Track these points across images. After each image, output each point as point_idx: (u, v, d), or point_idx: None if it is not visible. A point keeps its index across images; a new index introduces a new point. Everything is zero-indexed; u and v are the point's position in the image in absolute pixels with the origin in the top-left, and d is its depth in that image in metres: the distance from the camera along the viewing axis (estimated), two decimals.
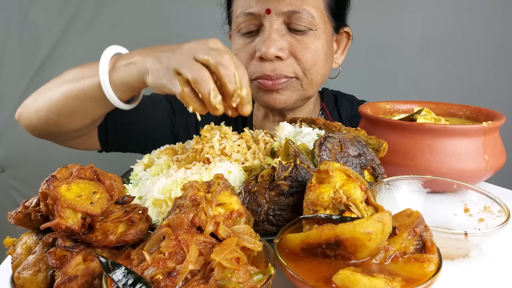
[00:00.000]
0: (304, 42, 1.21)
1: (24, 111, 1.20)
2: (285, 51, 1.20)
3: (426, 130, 0.91)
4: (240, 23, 1.24)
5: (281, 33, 1.20)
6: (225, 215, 0.59)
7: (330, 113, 1.54)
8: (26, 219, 0.61)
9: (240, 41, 1.26)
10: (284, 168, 0.73)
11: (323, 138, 0.80)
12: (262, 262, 0.57)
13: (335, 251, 0.54)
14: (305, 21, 1.20)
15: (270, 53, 1.16)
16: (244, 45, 1.25)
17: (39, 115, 1.14)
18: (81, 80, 1.05)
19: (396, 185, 0.79)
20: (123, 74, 0.97)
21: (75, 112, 1.10)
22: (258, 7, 1.19)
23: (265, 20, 1.19)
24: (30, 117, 1.18)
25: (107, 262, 0.51)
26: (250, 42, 1.24)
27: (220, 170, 0.83)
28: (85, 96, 1.05)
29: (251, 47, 1.23)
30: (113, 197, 0.60)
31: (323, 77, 1.32)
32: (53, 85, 1.13)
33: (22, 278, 0.56)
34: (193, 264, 0.50)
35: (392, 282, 0.49)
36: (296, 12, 1.18)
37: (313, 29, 1.22)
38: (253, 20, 1.21)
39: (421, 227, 0.58)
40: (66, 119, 1.12)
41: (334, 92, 1.62)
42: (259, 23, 1.21)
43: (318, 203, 0.63)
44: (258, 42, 1.21)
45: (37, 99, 1.16)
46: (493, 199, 0.73)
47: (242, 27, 1.24)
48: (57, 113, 1.11)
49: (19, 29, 2.26)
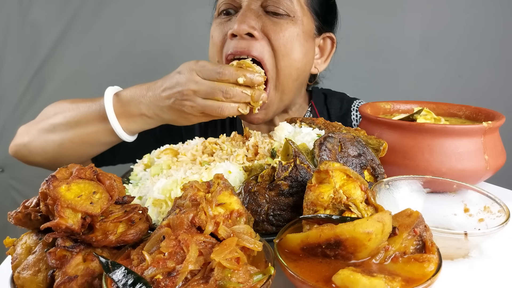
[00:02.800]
0: (279, 24, 1.16)
1: (23, 150, 1.26)
2: (257, 30, 1.14)
3: (426, 130, 0.91)
4: (219, 5, 1.24)
5: (257, 13, 1.17)
6: (225, 215, 0.59)
7: (320, 112, 1.49)
8: (26, 219, 0.61)
9: (217, 20, 1.25)
10: (284, 168, 0.73)
11: (323, 138, 0.80)
12: (262, 262, 0.57)
13: (335, 251, 0.54)
14: (283, 4, 1.16)
15: (241, 29, 1.12)
16: (219, 24, 1.23)
17: (44, 157, 1.24)
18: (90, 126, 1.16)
19: (396, 185, 0.79)
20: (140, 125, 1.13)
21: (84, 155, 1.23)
22: None
23: (243, 1, 1.17)
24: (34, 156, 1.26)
25: (107, 262, 0.51)
26: (226, 21, 1.21)
27: (220, 170, 0.83)
28: (98, 142, 1.18)
29: (226, 26, 1.20)
30: (113, 197, 0.60)
31: (298, 72, 1.22)
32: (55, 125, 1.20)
33: (22, 278, 0.56)
34: (193, 264, 0.50)
35: (392, 282, 0.49)
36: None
37: (290, 15, 1.18)
38: (233, 2, 1.20)
39: (421, 227, 0.58)
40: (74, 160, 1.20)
41: (324, 91, 1.56)
42: (238, 6, 1.19)
43: (318, 203, 0.63)
44: (233, 21, 1.18)
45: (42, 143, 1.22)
46: (493, 199, 0.73)
47: (221, 7, 1.23)
48: (68, 155, 1.21)
49: (19, 29, 2.26)
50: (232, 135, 1.05)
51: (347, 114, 1.48)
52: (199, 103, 1.02)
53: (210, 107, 1.02)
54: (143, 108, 1.09)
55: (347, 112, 1.49)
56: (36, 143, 1.23)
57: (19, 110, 2.37)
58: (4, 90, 2.34)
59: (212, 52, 1.27)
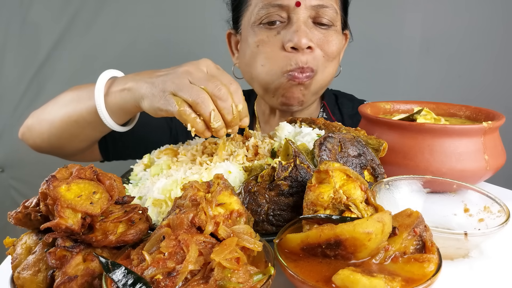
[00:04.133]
0: (328, 35, 1.26)
1: (27, 131, 1.26)
2: (314, 42, 1.22)
3: (426, 130, 0.91)
4: (263, 15, 1.23)
5: (309, 26, 1.23)
6: (225, 215, 0.59)
7: (332, 111, 1.54)
8: (26, 219, 0.61)
9: (263, 33, 1.25)
10: (284, 168, 0.73)
11: (323, 138, 0.80)
12: (262, 262, 0.57)
13: (335, 251, 0.54)
14: (330, 16, 1.24)
15: (303, 43, 1.18)
16: (268, 37, 1.25)
17: (42, 138, 1.21)
18: (78, 104, 1.09)
19: (396, 185, 0.79)
20: (118, 100, 1.00)
21: (75, 136, 1.15)
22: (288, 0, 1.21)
23: (294, 13, 1.21)
24: (33, 138, 1.24)
25: (107, 262, 0.51)
26: (275, 34, 1.24)
27: (220, 170, 0.83)
28: (84, 121, 1.09)
29: (277, 39, 1.23)
30: (113, 197, 0.60)
31: (334, 73, 1.35)
32: (52, 108, 1.18)
33: (22, 278, 0.56)
34: (193, 264, 0.50)
35: (392, 282, 0.49)
36: (324, 7, 1.22)
37: (334, 24, 1.27)
38: (280, 11, 1.22)
39: (421, 227, 0.58)
40: (67, 142, 1.18)
41: (334, 92, 1.64)
42: (286, 16, 1.23)
43: (318, 203, 0.63)
44: (287, 34, 1.21)
45: (39, 122, 1.21)
46: (493, 199, 0.73)
47: (265, 18, 1.23)
48: (59, 137, 1.16)
49: (19, 29, 2.26)
50: (232, 135, 1.05)
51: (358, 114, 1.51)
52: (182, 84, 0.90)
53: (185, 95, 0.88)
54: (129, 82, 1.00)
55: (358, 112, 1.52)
56: (35, 123, 1.23)
57: (19, 110, 2.37)
58: (4, 90, 2.34)
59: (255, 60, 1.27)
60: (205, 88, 0.86)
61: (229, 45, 1.49)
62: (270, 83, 1.28)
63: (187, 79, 0.88)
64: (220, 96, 0.85)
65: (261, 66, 1.27)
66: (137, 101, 0.96)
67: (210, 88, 0.85)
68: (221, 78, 0.89)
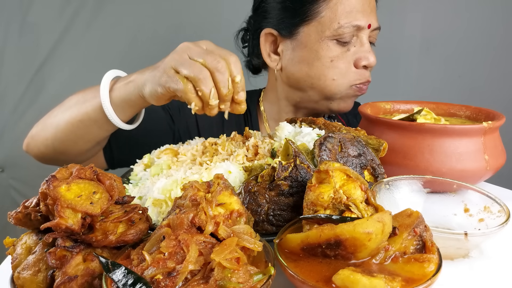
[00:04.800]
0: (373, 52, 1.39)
1: (32, 141, 1.26)
2: None
3: (426, 130, 0.91)
4: (342, 33, 1.31)
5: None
6: (225, 215, 0.59)
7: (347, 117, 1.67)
8: (26, 219, 0.61)
9: (337, 48, 1.34)
10: (284, 168, 0.73)
11: (323, 138, 0.80)
12: (262, 262, 0.57)
13: (335, 251, 0.54)
14: (376, 36, 1.41)
15: (374, 63, 1.36)
16: (341, 53, 1.34)
17: (45, 144, 1.20)
18: (84, 104, 1.11)
19: (396, 185, 0.79)
20: (122, 93, 1.03)
21: (79, 137, 1.15)
22: (364, 21, 1.31)
23: (363, 33, 1.33)
24: (38, 146, 1.24)
25: (107, 262, 0.51)
26: (346, 51, 1.34)
27: (220, 170, 0.83)
28: (89, 120, 1.10)
29: (349, 55, 1.34)
30: (113, 197, 0.60)
31: None
32: (57, 112, 1.19)
33: (22, 278, 0.56)
34: (193, 264, 0.50)
35: (392, 282, 0.49)
36: (378, 29, 1.39)
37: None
38: (354, 31, 1.32)
39: (421, 227, 0.58)
40: (71, 145, 1.17)
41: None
42: (355, 34, 1.34)
43: (318, 203, 0.63)
44: (359, 52, 1.34)
45: (43, 129, 1.22)
46: (493, 199, 0.73)
47: (343, 36, 1.32)
48: (63, 140, 1.16)
49: (19, 29, 2.26)
50: (232, 135, 1.05)
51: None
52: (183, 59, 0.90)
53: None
54: (133, 75, 1.03)
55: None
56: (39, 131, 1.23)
57: (19, 110, 2.37)
58: (4, 90, 2.34)
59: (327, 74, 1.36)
60: (204, 62, 0.86)
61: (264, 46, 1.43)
62: (337, 93, 1.38)
63: (186, 54, 0.89)
64: (219, 68, 0.86)
65: (332, 80, 1.36)
66: (140, 89, 0.98)
67: (209, 61, 0.86)
68: (219, 52, 0.90)
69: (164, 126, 1.48)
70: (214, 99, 0.85)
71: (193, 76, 0.85)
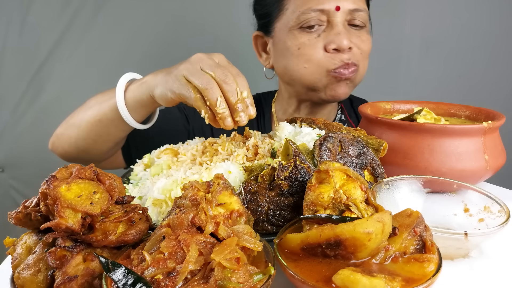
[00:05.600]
0: (361, 36, 1.36)
1: (57, 140, 1.31)
2: (352, 43, 1.32)
3: (426, 130, 0.91)
4: (304, 19, 1.32)
5: (346, 28, 1.32)
6: (225, 215, 0.59)
7: (349, 114, 1.63)
8: (26, 219, 0.61)
9: (303, 36, 1.34)
10: (284, 168, 0.73)
11: (323, 138, 0.80)
12: (262, 262, 0.57)
13: (335, 251, 0.54)
14: (362, 18, 1.34)
15: (345, 45, 1.29)
16: (309, 40, 1.33)
17: (69, 142, 1.26)
18: (102, 104, 1.16)
19: (396, 185, 0.79)
20: (135, 93, 1.09)
21: (99, 136, 1.21)
22: (329, 5, 1.29)
23: (333, 16, 1.30)
24: (62, 145, 1.29)
25: (107, 262, 0.51)
26: (316, 37, 1.33)
27: (220, 170, 0.83)
28: (107, 120, 1.16)
29: (318, 41, 1.32)
30: (113, 197, 0.60)
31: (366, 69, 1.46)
32: (79, 112, 1.25)
33: (22, 278, 0.56)
34: (193, 264, 0.50)
35: (392, 282, 0.49)
36: (358, 10, 1.32)
37: (366, 26, 1.38)
38: (321, 16, 1.31)
39: (421, 227, 0.58)
40: (92, 144, 1.23)
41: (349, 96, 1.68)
42: (325, 19, 1.32)
43: (318, 203, 0.63)
44: (329, 36, 1.31)
45: (67, 128, 1.27)
46: (493, 199, 0.73)
47: (305, 22, 1.32)
48: (84, 138, 1.22)
49: (19, 30, 2.26)
50: (232, 135, 1.05)
51: None
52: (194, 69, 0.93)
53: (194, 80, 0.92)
54: (146, 77, 1.09)
55: None
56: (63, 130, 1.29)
57: (19, 110, 2.36)
58: (4, 90, 2.34)
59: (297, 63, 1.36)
60: (213, 74, 0.90)
61: (256, 47, 1.55)
62: (316, 82, 1.37)
63: (198, 65, 0.93)
64: (226, 80, 0.90)
65: (304, 68, 1.36)
66: (151, 90, 1.03)
67: (218, 74, 0.90)
68: (229, 69, 0.94)
69: (180, 127, 1.53)
70: (221, 107, 0.88)
71: (201, 86, 0.89)
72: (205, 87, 0.89)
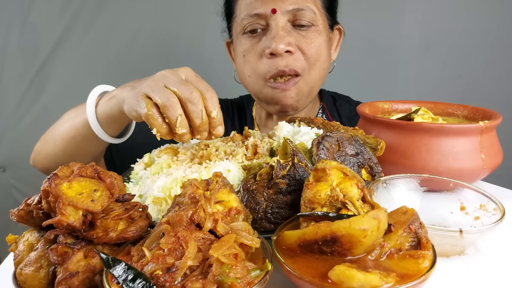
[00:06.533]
0: (308, 37, 1.27)
1: (36, 156, 1.29)
2: (293, 45, 1.24)
3: (423, 129, 0.91)
4: (245, 25, 1.27)
5: (287, 30, 1.25)
6: (224, 212, 0.60)
7: (330, 113, 1.58)
8: (28, 217, 0.62)
9: (247, 41, 1.29)
10: (282, 167, 0.74)
11: (321, 137, 0.80)
12: (260, 258, 0.58)
13: (331, 247, 0.55)
14: (308, 17, 1.26)
15: (280, 48, 1.21)
16: (251, 46, 1.28)
17: (48, 159, 1.23)
18: (75, 120, 1.12)
19: (393, 183, 0.80)
20: (105, 108, 1.03)
21: (75, 152, 1.16)
22: (264, 8, 1.23)
23: (271, 19, 1.24)
24: (42, 161, 1.26)
25: (107, 258, 0.52)
26: (257, 42, 1.28)
27: (219, 168, 0.84)
28: (80, 136, 1.11)
29: (259, 46, 1.27)
30: (113, 195, 0.61)
31: (325, 71, 1.37)
32: (55, 127, 1.21)
33: (24, 275, 0.57)
34: (191, 260, 0.51)
35: (387, 277, 0.50)
36: (300, 10, 1.24)
37: (315, 25, 1.28)
38: (259, 20, 1.25)
39: (416, 224, 0.59)
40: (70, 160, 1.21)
41: (331, 93, 1.67)
42: (265, 23, 1.26)
43: (315, 201, 0.63)
44: (265, 41, 1.25)
45: (44, 144, 1.24)
46: (488, 197, 0.74)
47: (248, 26, 1.27)
48: (61, 155, 1.18)
49: (20, 30, 2.27)
50: (231, 134, 1.06)
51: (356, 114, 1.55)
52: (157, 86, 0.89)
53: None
54: (115, 91, 1.03)
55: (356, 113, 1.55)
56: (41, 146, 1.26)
57: (20, 111, 2.38)
58: (5, 91, 2.35)
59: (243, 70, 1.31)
60: (177, 91, 0.85)
61: (229, 53, 1.54)
62: (258, 92, 1.31)
63: (162, 82, 0.87)
64: (191, 99, 0.84)
65: (248, 77, 1.31)
66: (120, 105, 0.97)
67: (182, 91, 0.84)
68: (196, 84, 0.88)
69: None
70: (181, 127, 0.84)
71: (161, 102, 0.83)
72: (164, 103, 0.83)
